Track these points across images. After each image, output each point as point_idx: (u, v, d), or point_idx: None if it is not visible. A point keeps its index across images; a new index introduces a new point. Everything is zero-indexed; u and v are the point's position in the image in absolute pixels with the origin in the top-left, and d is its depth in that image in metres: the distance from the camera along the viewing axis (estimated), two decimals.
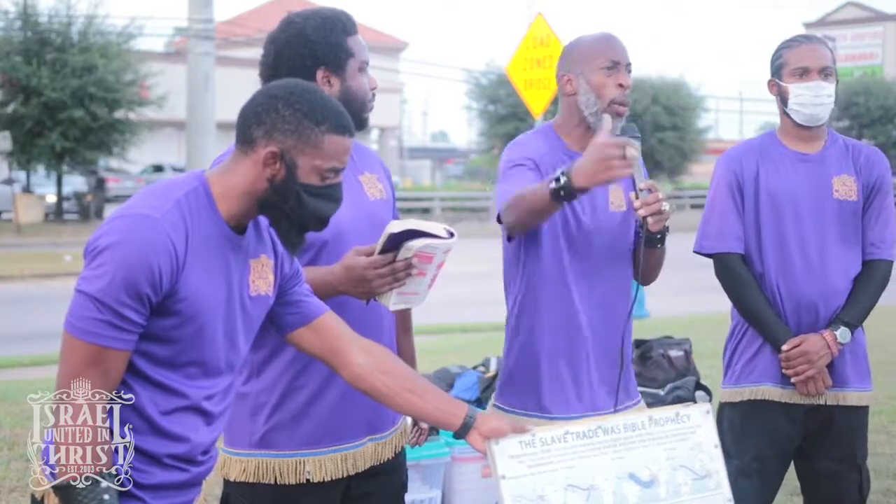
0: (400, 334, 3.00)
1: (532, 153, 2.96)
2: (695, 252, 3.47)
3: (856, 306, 3.30)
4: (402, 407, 2.41)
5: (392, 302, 2.56)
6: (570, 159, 2.94)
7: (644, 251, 2.94)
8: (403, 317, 3.03)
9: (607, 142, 2.56)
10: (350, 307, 2.65)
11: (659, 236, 2.90)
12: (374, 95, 2.81)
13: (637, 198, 2.83)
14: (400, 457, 2.88)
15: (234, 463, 2.70)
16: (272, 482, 2.66)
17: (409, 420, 2.98)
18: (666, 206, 2.83)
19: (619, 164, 2.54)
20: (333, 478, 2.69)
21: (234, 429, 2.70)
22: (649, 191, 2.82)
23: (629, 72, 2.96)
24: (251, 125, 2.16)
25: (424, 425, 3.03)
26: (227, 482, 2.74)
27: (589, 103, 2.93)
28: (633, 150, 2.57)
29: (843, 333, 3.27)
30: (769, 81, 3.40)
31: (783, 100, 3.35)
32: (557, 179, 2.61)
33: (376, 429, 2.77)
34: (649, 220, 2.81)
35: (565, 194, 2.62)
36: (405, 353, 3.01)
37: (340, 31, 2.73)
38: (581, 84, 2.94)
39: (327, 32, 2.73)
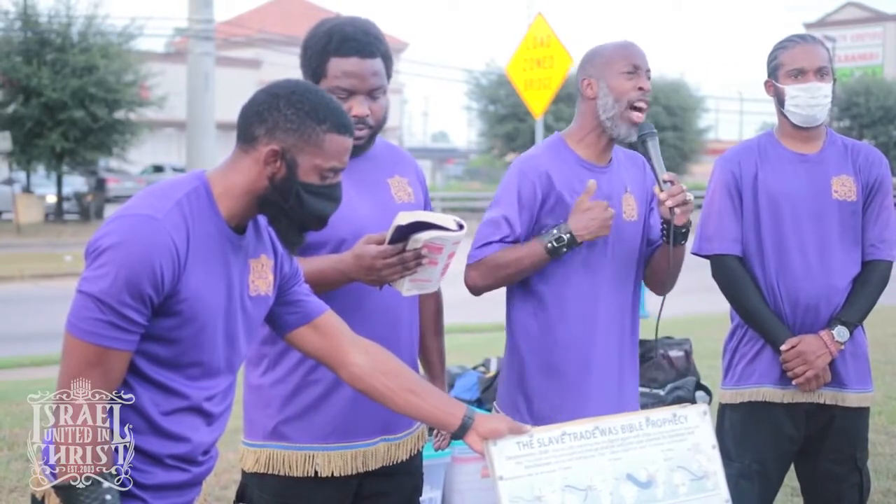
0: (430, 337, 3.02)
1: (543, 166, 2.96)
2: (693, 254, 3.47)
3: (854, 306, 3.30)
4: (401, 407, 2.41)
5: (405, 288, 2.57)
6: (586, 170, 2.98)
7: (668, 252, 2.94)
8: (435, 319, 3.04)
9: (601, 203, 2.89)
10: (366, 304, 2.67)
11: (683, 230, 2.91)
12: (362, 123, 2.68)
13: (661, 190, 2.86)
14: (416, 459, 2.88)
15: (249, 454, 2.73)
16: (282, 474, 2.68)
17: None
18: (689, 195, 2.87)
19: (610, 222, 2.89)
20: (342, 474, 2.69)
21: (251, 420, 2.74)
22: (671, 182, 2.86)
23: (649, 77, 3.00)
24: (253, 123, 2.16)
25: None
26: (243, 473, 2.77)
27: (607, 107, 2.96)
28: (612, 210, 2.90)
29: (840, 332, 3.27)
30: (766, 82, 3.40)
31: (780, 101, 3.35)
32: (560, 238, 2.87)
33: (390, 430, 2.77)
34: (676, 210, 2.85)
35: (567, 250, 2.90)
36: (434, 355, 3.03)
37: (321, 51, 2.69)
38: (601, 88, 2.97)
39: (311, 46, 2.71)
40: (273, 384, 2.70)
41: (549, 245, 2.88)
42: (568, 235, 2.86)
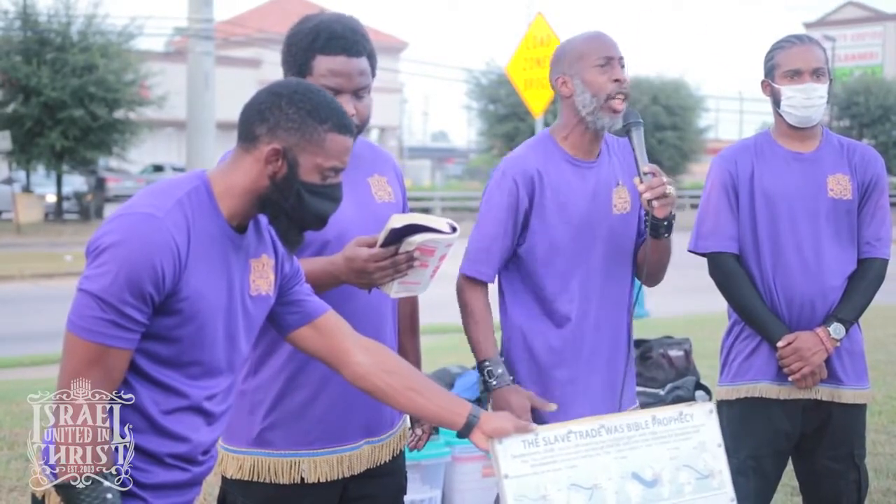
0: (406, 336, 3.00)
1: (530, 166, 2.94)
2: (689, 251, 3.48)
3: (850, 303, 3.32)
4: (405, 406, 2.40)
5: (394, 290, 2.55)
6: (572, 166, 2.96)
7: (651, 244, 2.92)
8: (411, 319, 3.02)
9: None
10: (352, 305, 2.65)
11: (665, 223, 2.88)
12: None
13: (641, 182, 2.83)
14: (399, 459, 2.87)
15: (230, 460, 2.69)
16: (267, 481, 2.65)
17: (408, 422, 2.97)
18: (671, 189, 2.82)
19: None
20: (329, 479, 2.68)
21: (232, 425, 2.69)
22: (653, 175, 2.82)
23: (623, 66, 2.93)
24: (254, 122, 2.16)
25: (419, 431, 3.02)
26: (224, 479, 2.73)
27: (586, 102, 2.90)
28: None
29: (836, 329, 3.29)
30: (762, 82, 3.42)
31: (776, 101, 3.36)
32: (486, 384, 2.94)
33: (373, 431, 2.75)
34: (655, 203, 2.81)
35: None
36: (410, 355, 2.99)
37: (306, 48, 2.66)
38: (577, 84, 2.91)
39: (296, 43, 2.68)
40: (255, 389, 2.67)
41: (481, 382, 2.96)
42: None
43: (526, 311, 2.99)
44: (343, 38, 2.65)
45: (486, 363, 2.92)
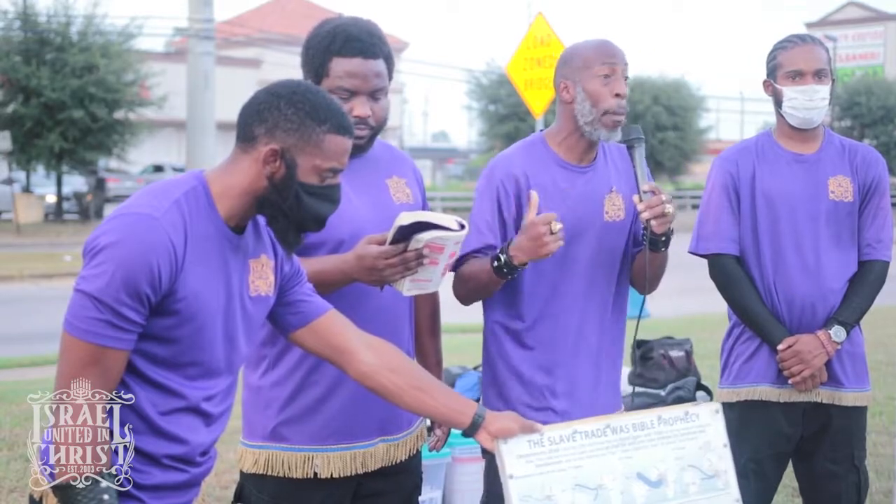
0: (426, 336, 3.00)
1: (517, 169, 2.91)
2: (690, 253, 3.47)
3: (851, 306, 3.31)
4: (410, 405, 2.39)
5: (406, 288, 2.56)
6: (565, 171, 2.93)
7: (648, 257, 2.90)
8: (432, 319, 3.03)
9: (535, 220, 2.69)
10: (368, 305, 2.67)
11: (664, 239, 2.86)
12: (364, 123, 2.68)
13: (640, 200, 2.81)
14: (415, 459, 2.88)
15: (247, 454, 2.73)
16: (281, 475, 2.68)
17: (427, 422, 2.96)
18: (669, 208, 2.80)
19: (549, 239, 2.68)
20: (342, 475, 2.69)
21: (250, 420, 2.74)
22: (652, 193, 2.80)
23: (626, 78, 2.90)
24: (253, 123, 2.15)
25: (439, 432, 3.03)
26: (241, 473, 2.77)
27: (585, 112, 2.87)
28: (559, 224, 2.70)
29: (837, 332, 3.28)
30: (764, 82, 3.40)
31: (777, 101, 3.35)
32: (498, 258, 2.76)
33: (389, 430, 2.76)
34: (653, 222, 2.79)
35: (508, 271, 2.76)
36: (430, 355, 3.01)
37: (324, 50, 2.68)
38: (578, 92, 2.88)
39: (314, 46, 2.71)
40: (272, 385, 2.70)
41: (494, 264, 2.78)
42: (505, 256, 2.74)
43: (504, 312, 2.95)
44: (359, 40, 2.68)
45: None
